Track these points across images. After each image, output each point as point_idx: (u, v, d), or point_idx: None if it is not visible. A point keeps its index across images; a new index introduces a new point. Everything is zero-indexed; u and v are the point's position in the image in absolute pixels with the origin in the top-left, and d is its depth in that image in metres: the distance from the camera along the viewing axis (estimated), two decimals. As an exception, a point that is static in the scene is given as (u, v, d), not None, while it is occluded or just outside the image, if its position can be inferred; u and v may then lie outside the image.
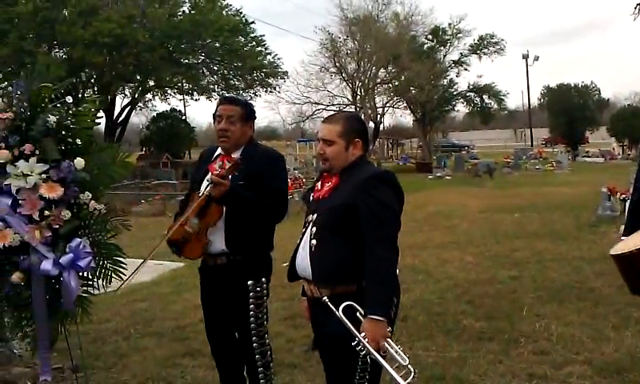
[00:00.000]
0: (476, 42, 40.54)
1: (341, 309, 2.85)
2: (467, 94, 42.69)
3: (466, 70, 41.36)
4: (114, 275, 3.46)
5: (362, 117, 20.43)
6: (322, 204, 3.09)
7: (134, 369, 5.12)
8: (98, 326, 5.94)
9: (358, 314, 2.85)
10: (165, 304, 7.23)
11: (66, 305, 3.28)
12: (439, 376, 4.74)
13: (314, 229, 3.05)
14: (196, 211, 3.49)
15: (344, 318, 2.83)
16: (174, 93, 38.83)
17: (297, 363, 4.83)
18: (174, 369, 5.07)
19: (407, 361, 2.73)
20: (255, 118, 3.78)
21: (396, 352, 2.76)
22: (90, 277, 3.41)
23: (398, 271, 2.94)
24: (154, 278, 8.67)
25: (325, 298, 2.94)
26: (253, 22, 34.50)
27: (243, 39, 34.11)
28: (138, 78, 33.44)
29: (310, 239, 3.05)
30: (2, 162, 3.13)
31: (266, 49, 35.22)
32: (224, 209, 3.49)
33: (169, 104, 39.83)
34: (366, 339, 2.76)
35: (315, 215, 3.08)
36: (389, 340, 2.79)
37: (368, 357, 2.80)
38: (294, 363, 4.85)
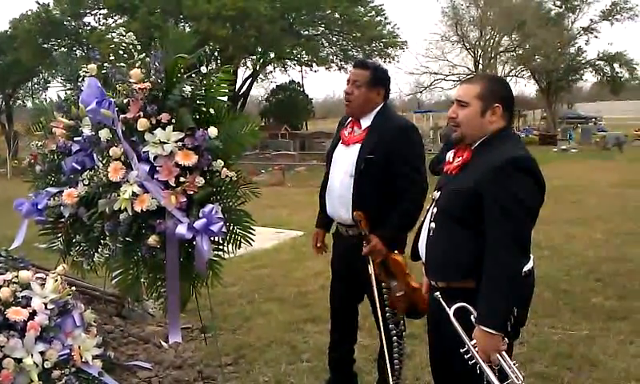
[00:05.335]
0: (608, 7, 38.49)
1: (452, 309, 2.58)
2: (596, 63, 40.58)
3: (595, 37, 39.73)
4: (242, 241, 3.54)
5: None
6: (448, 181, 2.74)
7: (258, 331, 5.30)
8: (224, 289, 6.15)
9: (472, 317, 2.55)
10: (286, 271, 7.41)
11: (198, 267, 3.39)
12: (566, 354, 4.61)
13: (435, 210, 2.74)
14: (385, 278, 3.46)
15: (455, 321, 2.57)
16: (294, 65, 39.38)
17: (417, 334, 4.80)
18: (296, 333, 5.20)
19: (522, 380, 2.48)
20: (386, 84, 3.62)
21: (509, 367, 2.47)
22: (221, 242, 3.51)
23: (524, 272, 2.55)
24: (274, 245, 8.91)
25: (437, 293, 2.67)
26: (372, -9, 34.30)
27: (362, 9, 34.00)
28: (259, 50, 34.14)
29: (430, 221, 2.75)
30: (141, 130, 3.25)
31: (385, 18, 34.96)
32: (399, 255, 3.41)
33: (288, 76, 40.43)
34: (476, 348, 2.50)
35: (439, 194, 2.76)
36: (503, 353, 2.49)
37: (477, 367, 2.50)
38: (414, 334, 4.81)
